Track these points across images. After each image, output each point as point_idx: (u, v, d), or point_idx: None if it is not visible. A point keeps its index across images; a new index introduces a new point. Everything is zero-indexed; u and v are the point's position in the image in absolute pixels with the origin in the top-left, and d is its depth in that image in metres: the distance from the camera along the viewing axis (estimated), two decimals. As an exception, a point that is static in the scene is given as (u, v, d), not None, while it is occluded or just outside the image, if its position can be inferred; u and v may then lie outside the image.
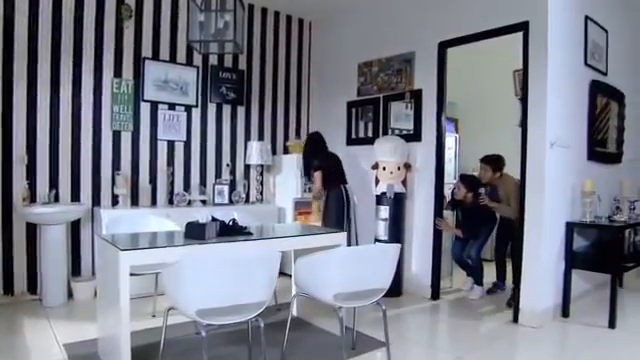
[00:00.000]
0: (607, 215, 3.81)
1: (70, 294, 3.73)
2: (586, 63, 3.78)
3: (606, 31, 4.07)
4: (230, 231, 2.73)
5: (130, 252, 2.17)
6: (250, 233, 2.77)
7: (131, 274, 2.16)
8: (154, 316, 3.36)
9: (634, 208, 4.04)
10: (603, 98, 4.02)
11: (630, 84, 4.59)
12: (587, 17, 3.76)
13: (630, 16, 4.62)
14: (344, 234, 3.01)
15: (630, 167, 4.63)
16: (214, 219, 2.78)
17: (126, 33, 4.10)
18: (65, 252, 3.68)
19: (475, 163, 5.12)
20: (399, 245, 2.35)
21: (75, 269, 3.91)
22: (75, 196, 3.89)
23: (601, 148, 4.04)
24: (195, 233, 2.49)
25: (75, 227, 3.89)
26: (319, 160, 4.04)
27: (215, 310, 1.95)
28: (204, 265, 1.91)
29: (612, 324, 3.29)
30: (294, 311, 3.28)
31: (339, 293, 2.19)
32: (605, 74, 4.09)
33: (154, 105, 4.31)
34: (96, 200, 3.99)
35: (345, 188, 3.98)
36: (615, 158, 4.35)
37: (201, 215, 2.74)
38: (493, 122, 5.57)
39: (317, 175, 3.96)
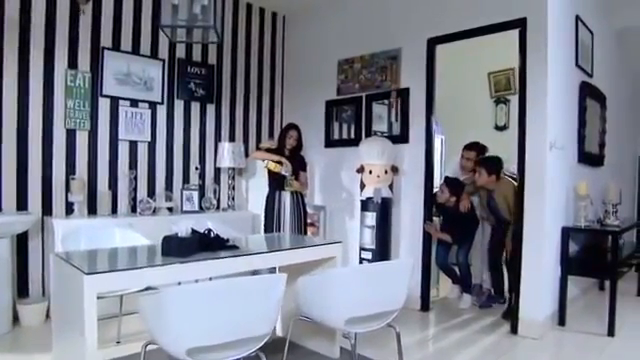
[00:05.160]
0: (596, 219, 3.74)
1: (15, 319, 3.21)
2: (577, 64, 3.70)
3: (592, 33, 4.02)
4: (212, 245, 2.37)
5: (98, 276, 1.77)
6: (235, 247, 2.42)
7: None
8: (119, 342, 2.93)
9: (616, 211, 3.99)
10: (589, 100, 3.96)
11: (610, 87, 4.59)
12: (577, 17, 3.68)
13: (611, 20, 4.62)
14: (339, 245, 2.72)
15: (610, 170, 4.63)
16: (194, 231, 2.41)
17: (82, 19, 3.61)
18: (9, 270, 3.15)
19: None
20: (412, 260, 2.08)
21: (21, 289, 3.37)
22: (22, 204, 3.36)
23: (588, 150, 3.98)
24: (175, 250, 2.11)
25: (22, 240, 3.35)
26: None
27: (209, 347, 1.59)
28: (196, 295, 1.55)
29: (611, 332, 3.18)
30: (279, 331, 2.95)
31: (352, 317, 1.89)
32: (591, 76, 4.04)
33: (114, 101, 3.83)
34: (47, 209, 3.47)
35: (277, 194, 3.86)
36: (599, 161, 4.32)
37: (178, 226, 2.35)
38: (467, 125, 5.43)
39: None
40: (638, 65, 5.33)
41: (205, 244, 2.32)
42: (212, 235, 2.46)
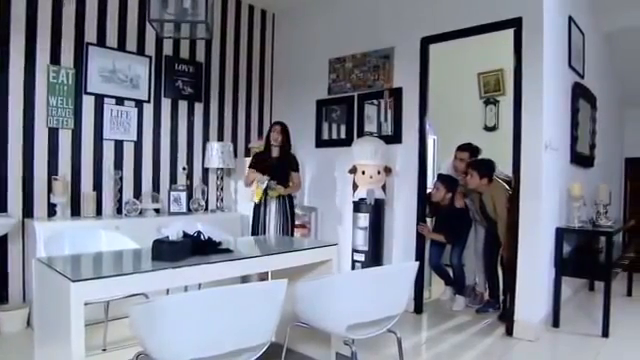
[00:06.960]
0: (588, 220, 3.75)
1: (-6, 326, 3.07)
2: (570, 64, 3.70)
3: (583, 34, 4.03)
4: (205, 249, 2.28)
5: (85, 283, 1.67)
6: (229, 250, 2.33)
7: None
8: (105, 350, 2.81)
9: (606, 212, 4.00)
10: (581, 101, 3.96)
11: (600, 88, 4.61)
12: (570, 18, 3.68)
13: (600, 22, 4.64)
14: (335, 247, 2.64)
15: (599, 171, 4.66)
16: (185, 234, 2.32)
17: (65, 13, 3.48)
18: (-13, 275, 3.02)
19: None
20: (418, 263, 2.01)
21: (1, 295, 3.21)
22: (1, 206, 3.21)
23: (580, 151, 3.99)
24: (167, 254, 2.01)
25: (1, 244, 3.20)
26: None
27: (206, 359, 1.50)
28: (193, 303, 1.46)
29: (606, 333, 3.18)
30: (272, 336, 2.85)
31: (354, 324, 1.82)
32: (583, 77, 4.04)
33: (99, 99, 3.70)
34: (28, 211, 3.32)
35: (264, 200, 3.76)
36: (590, 162, 4.33)
37: (168, 229, 2.26)
38: (457, 125, 5.43)
39: None
40: (624, 67, 5.38)
41: (197, 248, 2.23)
42: (203, 238, 2.37)
